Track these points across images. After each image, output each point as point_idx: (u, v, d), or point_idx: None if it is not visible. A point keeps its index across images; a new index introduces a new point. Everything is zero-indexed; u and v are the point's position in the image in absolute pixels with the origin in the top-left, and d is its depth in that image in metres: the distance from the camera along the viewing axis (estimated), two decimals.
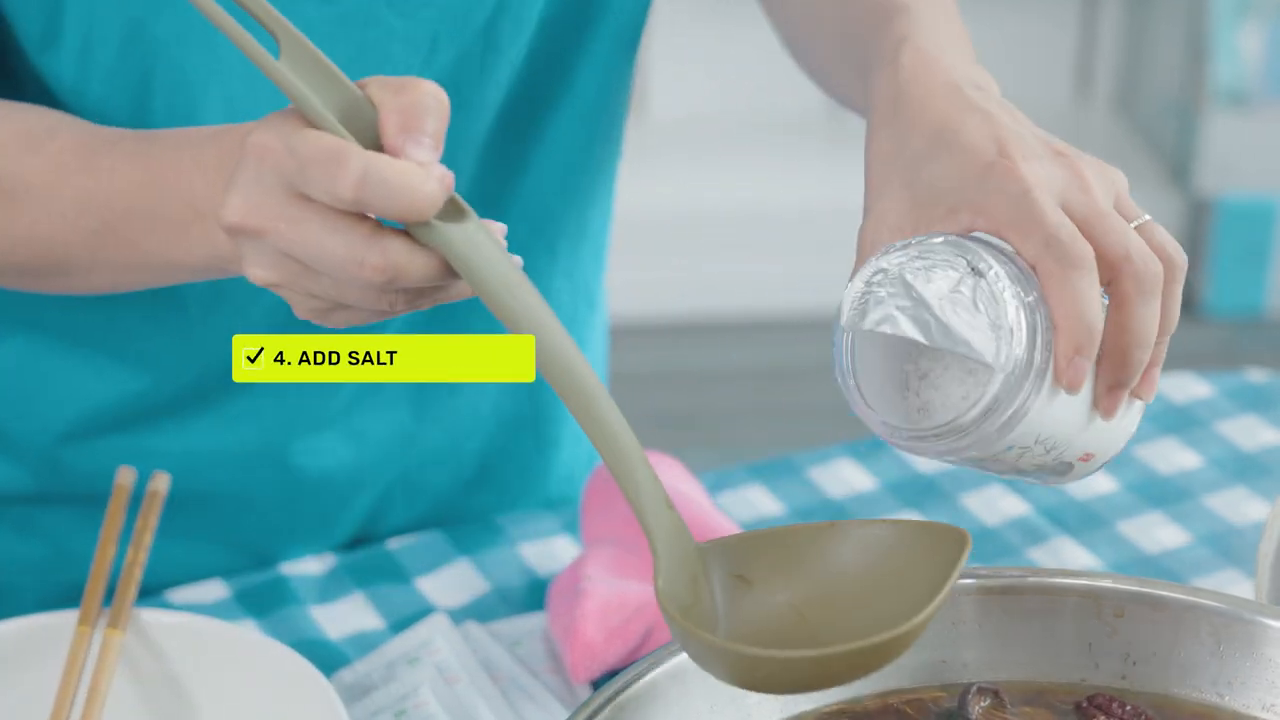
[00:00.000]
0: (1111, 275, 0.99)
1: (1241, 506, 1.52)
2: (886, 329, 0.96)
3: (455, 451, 1.48)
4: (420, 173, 0.93)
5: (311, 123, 0.95)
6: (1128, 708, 1.06)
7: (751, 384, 3.55)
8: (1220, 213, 3.77)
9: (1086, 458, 1.03)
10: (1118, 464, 1.56)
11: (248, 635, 1.21)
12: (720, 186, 3.74)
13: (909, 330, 0.96)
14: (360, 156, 0.93)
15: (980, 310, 0.95)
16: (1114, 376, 1.01)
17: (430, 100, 0.95)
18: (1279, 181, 3.76)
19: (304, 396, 1.39)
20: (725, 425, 3.35)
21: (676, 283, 3.70)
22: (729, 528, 1.35)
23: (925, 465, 1.56)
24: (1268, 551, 1.25)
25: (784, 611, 0.98)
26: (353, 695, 1.29)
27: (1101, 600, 1.07)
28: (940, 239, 0.98)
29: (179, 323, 1.34)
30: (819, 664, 0.93)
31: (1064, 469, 1.03)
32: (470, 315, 1.36)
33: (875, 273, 0.97)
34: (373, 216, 0.95)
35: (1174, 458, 1.57)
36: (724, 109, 3.87)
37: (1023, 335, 0.95)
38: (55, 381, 1.35)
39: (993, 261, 0.96)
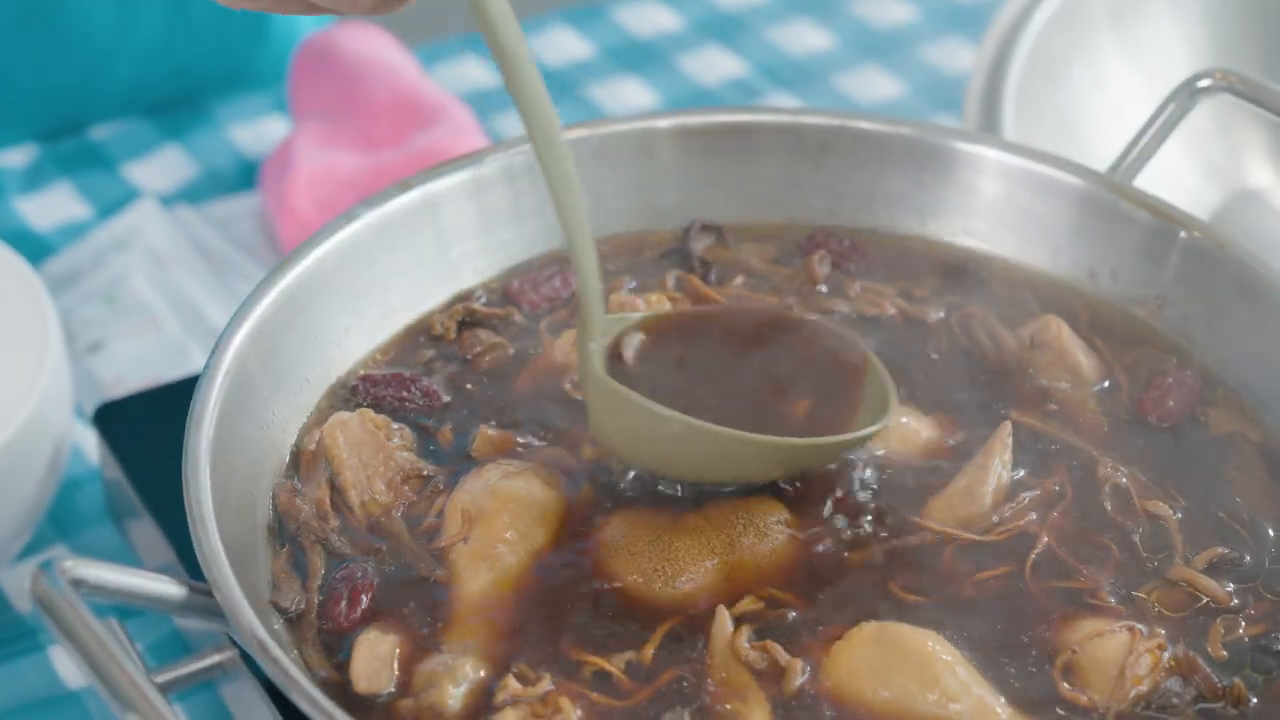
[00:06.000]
0: None
1: (956, 56, 1.52)
2: None
3: (160, 50, 1.43)
4: None
5: None
6: (845, 242, 1.06)
7: None
8: None
9: None
10: (832, 18, 1.56)
11: None
12: None
13: None
14: None
15: None
16: None
17: None
18: None
19: None
20: None
21: None
22: (439, 98, 1.33)
23: (643, 29, 1.54)
24: (976, 88, 1.25)
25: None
26: (60, 284, 1.26)
27: (803, 134, 1.07)
28: None
29: None
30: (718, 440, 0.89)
31: None
32: None
33: None
34: None
35: (889, 11, 1.57)
36: None
37: None
38: None
39: None
